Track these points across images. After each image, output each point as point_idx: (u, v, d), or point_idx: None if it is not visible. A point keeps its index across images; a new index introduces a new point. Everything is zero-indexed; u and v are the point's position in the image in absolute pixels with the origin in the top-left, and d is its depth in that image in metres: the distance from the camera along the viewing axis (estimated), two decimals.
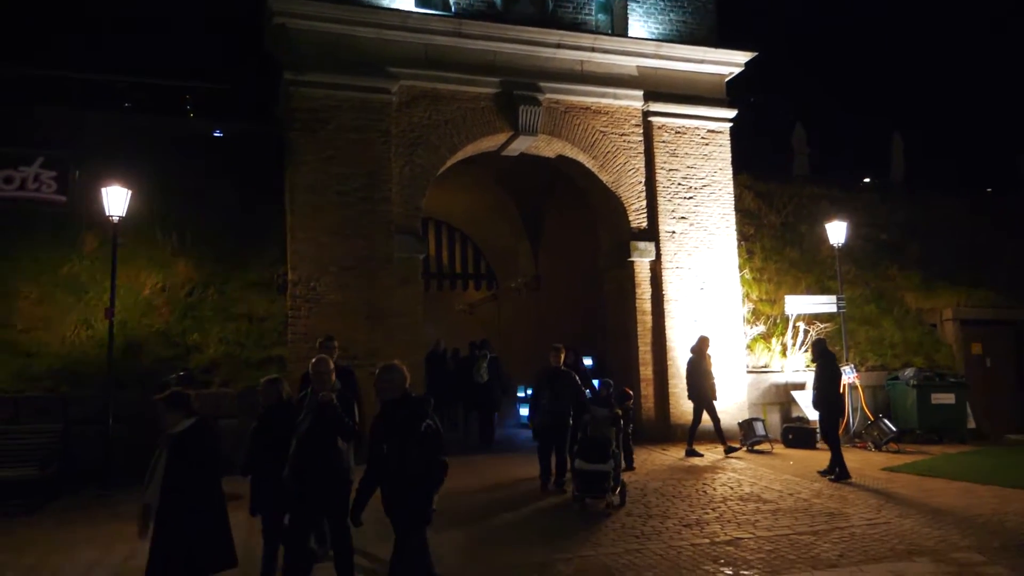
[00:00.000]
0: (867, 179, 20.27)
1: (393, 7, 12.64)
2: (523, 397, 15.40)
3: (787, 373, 14.30)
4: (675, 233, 13.97)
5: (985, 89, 30.50)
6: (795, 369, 14.32)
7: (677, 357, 13.37)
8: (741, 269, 14.67)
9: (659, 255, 13.82)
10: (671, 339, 13.55)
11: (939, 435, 13.65)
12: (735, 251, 14.38)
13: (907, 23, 30.53)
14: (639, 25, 14.29)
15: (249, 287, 12.39)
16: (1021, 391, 15.85)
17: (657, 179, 14.00)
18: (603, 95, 13.91)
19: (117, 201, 10.75)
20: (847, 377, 12.67)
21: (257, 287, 12.40)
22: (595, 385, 11.79)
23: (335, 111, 12.18)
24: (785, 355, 14.48)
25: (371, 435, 5.21)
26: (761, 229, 16.40)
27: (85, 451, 10.13)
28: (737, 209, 14.76)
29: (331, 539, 5.96)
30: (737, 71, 14.70)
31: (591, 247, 15.44)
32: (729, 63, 14.56)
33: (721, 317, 13.83)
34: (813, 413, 12.00)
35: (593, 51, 13.73)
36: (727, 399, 13.03)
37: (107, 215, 10.76)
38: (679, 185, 14.12)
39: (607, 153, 13.93)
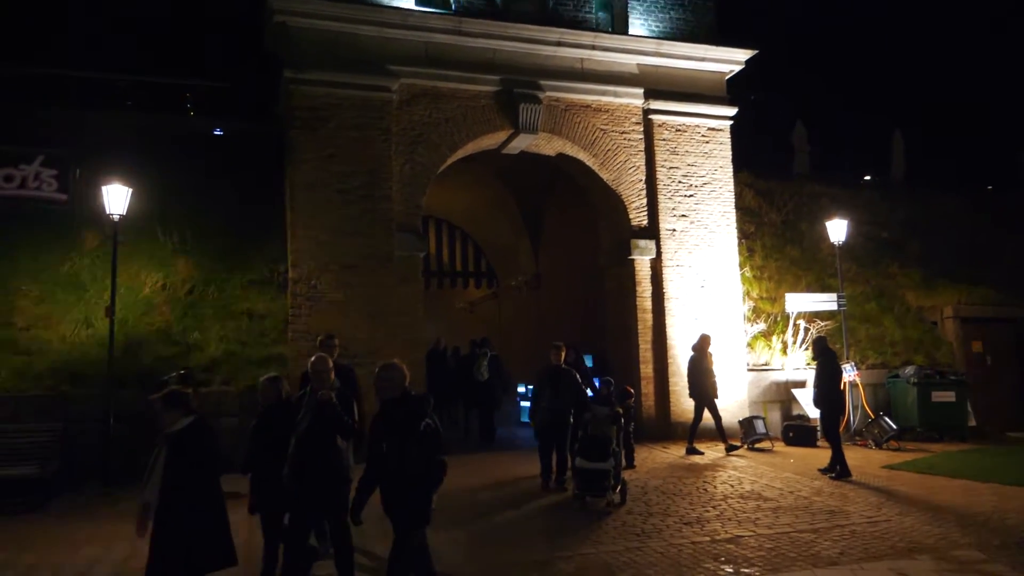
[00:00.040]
0: (868, 177, 20.28)
1: (394, 5, 12.63)
2: (523, 395, 15.40)
3: (788, 371, 14.30)
4: (676, 231, 13.97)
5: (985, 87, 30.48)
6: (796, 367, 14.32)
7: (678, 355, 13.37)
8: (742, 267, 14.66)
9: (660, 253, 13.82)
10: (671, 337, 13.56)
11: (940, 433, 13.65)
12: (736, 249, 14.38)
13: (907, 21, 30.52)
14: (639, 23, 14.28)
15: (249, 285, 12.39)
16: (1022, 389, 15.84)
17: (658, 177, 14.00)
18: (603, 93, 13.90)
19: (117, 199, 10.76)
20: (848, 375, 12.67)
21: (258, 285, 12.41)
22: (596, 383, 11.79)
23: (335, 109, 12.18)
24: (786, 353, 14.49)
25: (370, 434, 5.20)
26: (762, 227, 16.39)
27: (85, 450, 10.13)
28: (738, 207, 14.76)
29: (331, 537, 5.96)
30: (738, 69, 14.68)
31: (591, 245, 15.43)
32: (729, 61, 14.56)
33: (722, 315, 13.83)
34: (814, 411, 12.01)
35: (593, 49, 13.73)
36: (728, 397, 13.03)
37: (107, 213, 10.77)
38: (680, 183, 14.12)
39: (607, 151, 13.93)
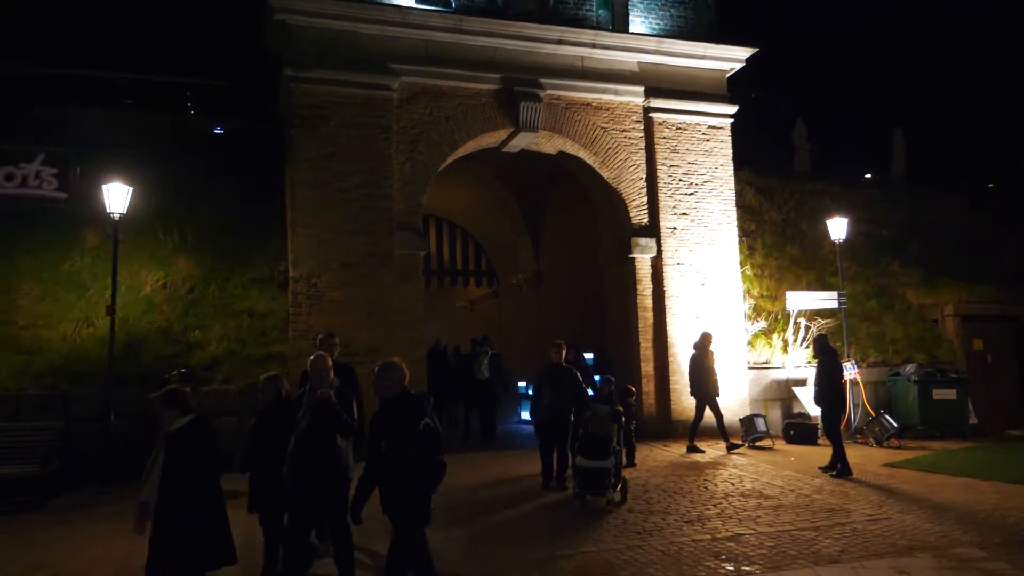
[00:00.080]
0: (868, 175, 20.26)
1: (394, 3, 12.61)
2: (524, 393, 15.40)
3: (788, 369, 14.29)
4: (676, 229, 13.96)
5: (986, 85, 30.43)
6: (796, 365, 14.31)
7: (678, 353, 13.37)
8: (742, 265, 14.66)
9: (660, 251, 13.81)
10: (672, 335, 13.55)
11: (940, 431, 13.65)
12: (736, 247, 14.37)
13: (908, 19, 30.47)
14: (640, 21, 14.27)
15: (250, 284, 12.39)
16: (1022, 387, 15.83)
17: (658, 175, 13.99)
18: (604, 91, 13.88)
19: (118, 198, 10.76)
20: (848, 373, 12.67)
21: (258, 284, 12.41)
22: (596, 382, 11.78)
23: (336, 107, 12.18)
24: (786, 351, 14.48)
25: (370, 433, 5.19)
26: (762, 225, 16.39)
27: (86, 448, 10.15)
28: (738, 205, 14.75)
29: (331, 536, 5.97)
30: (738, 67, 14.67)
31: (592, 243, 15.42)
32: (730, 59, 14.54)
33: (722, 313, 13.82)
34: (815, 409, 12.01)
35: (594, 47, 13.72)
36: (728, 395, 13.02)
37: (108, 212, 10.77)
38: (680, 181, 14.11)
39: (608, 149, 13.92)
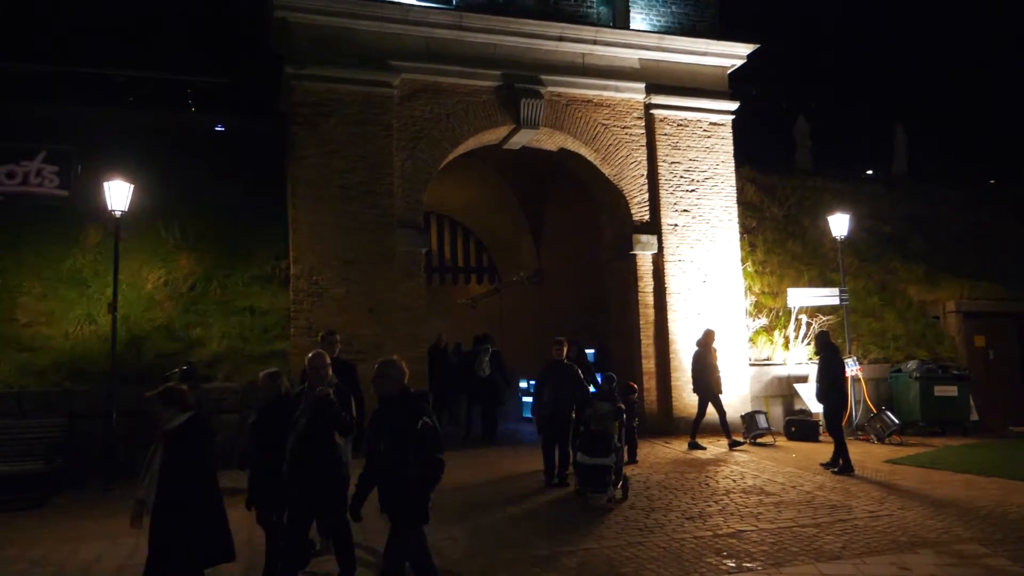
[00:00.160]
0: (870, 171, 20.25)
1: (394, 0, 12.61)
2: (525, 390, 15.40)
3: (790, 366, 14.28)
4: (677, 226, 13.95)
5: (988, 82, 30.36)
6: (798, 362, 14.30)
7: (680, 350, 13.36)
8: (743, 262, 14.65)
9: (661, 248, 13.80)
10: (673, 332, 13.55)
11: (942, 427, 13.65)
12: (737, 244, 14.35)
13: (910, 14, 30.39)
14: (640, 17, 14.25)
15: (251, 281, 12.40)
16: None
17: (659, 172, 13.98)
18: (605, 88, 13.87)
19: (119, 195, 10.76)
20: (850, 370, 12.67)
21: (259, 281, 12.43)
22: (598, 379, 11.78)
23: (337, 105, 12.17)
24: (788, 348, 14.47)
25: (369, 431, 5.18)
26: (763, 222, 16.38)
27: (89, 445, 10.16)
28: (739, 202, 14.73)
29: (332, 534, 5.97)
30: (739, 63, 14.63)
31: (593, 240, 15.42)
32: (731, 55, 14.51)
33: (724, 310, 13.81)
34: (816, 406, 12.01)
35: (595, 44, 13.70)
36: (730, 392, 12.99)
37: (109, 209, 10.77)
38: (681, 178, 14.10)
39: (609, 146, 13.91)
